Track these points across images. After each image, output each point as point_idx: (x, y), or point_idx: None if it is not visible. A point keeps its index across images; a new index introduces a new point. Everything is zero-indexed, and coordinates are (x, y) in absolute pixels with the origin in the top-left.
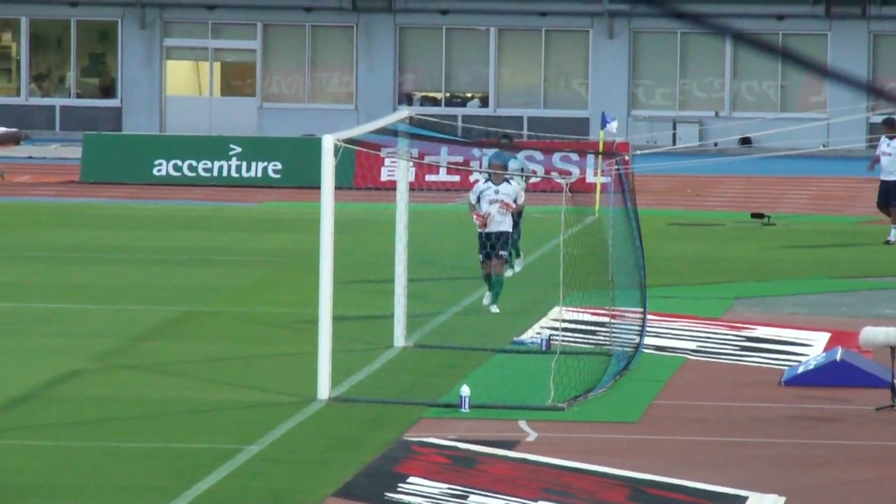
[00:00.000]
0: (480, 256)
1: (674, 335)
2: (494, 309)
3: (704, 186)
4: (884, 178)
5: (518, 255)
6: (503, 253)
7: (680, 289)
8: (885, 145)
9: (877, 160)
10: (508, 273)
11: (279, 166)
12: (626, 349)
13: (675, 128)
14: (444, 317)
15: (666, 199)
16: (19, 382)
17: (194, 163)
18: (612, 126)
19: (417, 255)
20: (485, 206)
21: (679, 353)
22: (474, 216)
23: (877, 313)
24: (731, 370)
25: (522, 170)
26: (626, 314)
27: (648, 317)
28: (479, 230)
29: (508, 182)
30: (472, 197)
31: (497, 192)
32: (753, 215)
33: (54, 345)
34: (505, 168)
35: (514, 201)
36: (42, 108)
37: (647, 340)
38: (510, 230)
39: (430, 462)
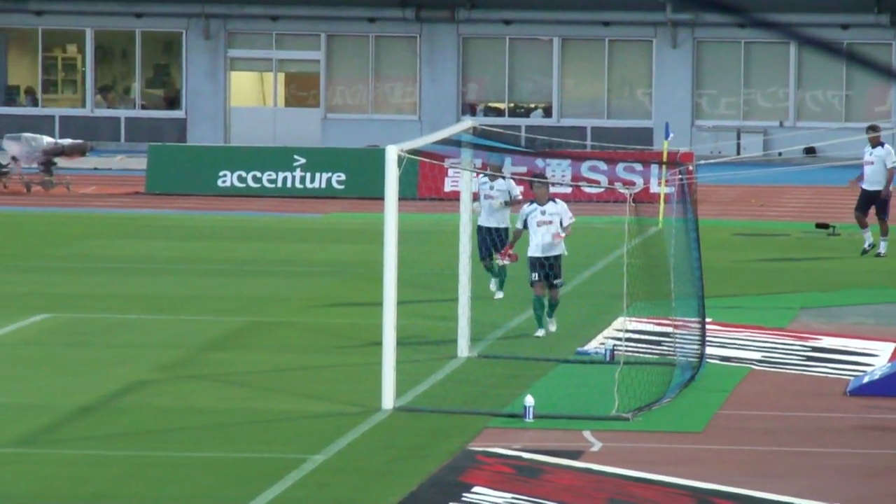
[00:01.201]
0: (481, 252)
1: (739, 345)
2: (499, 295)
3: (769, 196)
4: (866, 187)
5: (502, 284)
6: (558, 282)
7: (745, 299)
8: (868, 154)
9: (862, 175)
10: (499, 295)
11: (343, 177)
12: (689, 360)
13: (739, 137)
14: (508, 326)
15: (730, 210)
16: (86, 393)
17: (258, 174)
18: (670, 137)
19: (481, 265)
20: (533, 230)
21: (744, 363)
22: (501, 256)
23: None
24: (795, 380)
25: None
26: (689, 324)
27: (713, 327)
28: (480, 224)
29: (554, 201)
30: (519, 223)
31: (544, 212)
32: (818, 225)
33: (120, 355)
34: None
35: (562, 224)
36: (107, 119)
37: (713, 350)
38: (563, 252)
39: (494, 472)
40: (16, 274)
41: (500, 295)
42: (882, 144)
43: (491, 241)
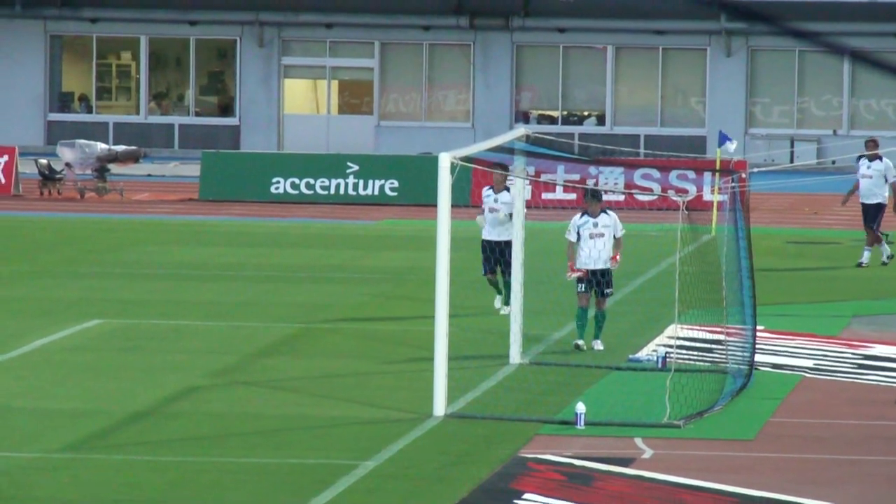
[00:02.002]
0: (485, 266)
1: (790, 353)
2: (505, 310)
3: (822, 205)
4: (864, 201)
5: (508, 300)
6: (609, 291)
7: (797, 307)
8: (866, 168)
9: (856, 188)
10: (505, 311)
11: (396, 184)
12: (741, 367)
13: (792, 146)
14: (560, 334)
15: (783, 218)
16: (139, 398)
17: (312, 181)
18: (731, 146)
19: (533, 272)
20: (584, 242)
21: (796, 370)
22: (570, 271)
23: None
24: (847, 388)
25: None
26: (741, 332)
27: (765, 334)
28: (484, 238)
29: (606, 213)
30: (572, 235)
31: (596, 224)
32: None
33: (173, 361)
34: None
35: (615, 237)
36: (161, 126)
37: (765, 358)
38: (613, 266)
39: (545, 479)
40: (69, 280)
41: (506, 310)
42: (881, 158)
43: (495, 255)
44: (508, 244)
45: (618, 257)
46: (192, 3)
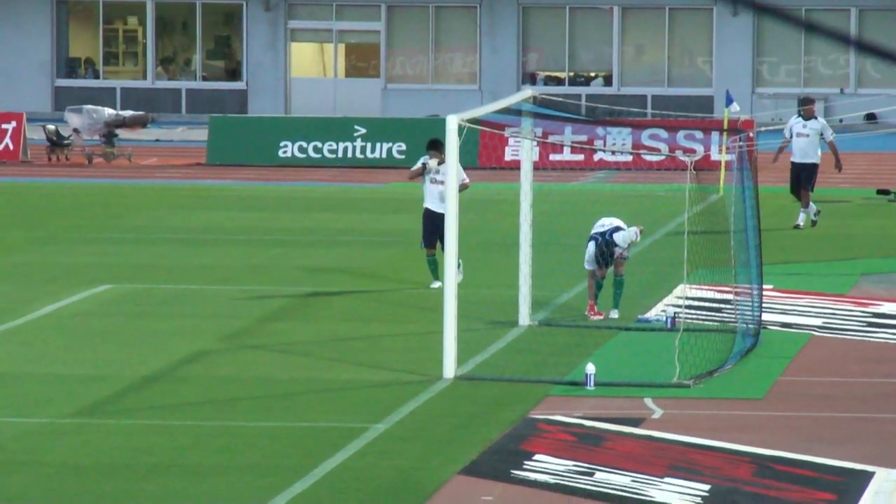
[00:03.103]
0: (426, 238)
1: (799, 311)
2: (435, 285)
3: (829, 163)
4: (797, 160)
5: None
6: (626, 253)
7: (805, 265)
8: (802, 126)
9: (783, 147)
10: (459, 278)
11: (404, 147)
12: (749, 326)
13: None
14: (568, 295)
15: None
16: (149, 363)
17: (319, 144)
18: (734, 107)
19: (542, 234)
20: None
21: (805, 329)
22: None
23: None
24: (856, 346)
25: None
26: (749, 292)
27: (774, 293)
28: (428, 207)
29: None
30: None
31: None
32: (879, 191)
33: (182, 326)
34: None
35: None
36: (168, 91)
37: (773, 317)
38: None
39: (556, 439)
40: (78, 245)
41: (436, 285)
42: (816, 117)
43: (438, 228)
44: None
45: (624, 259)
46: None
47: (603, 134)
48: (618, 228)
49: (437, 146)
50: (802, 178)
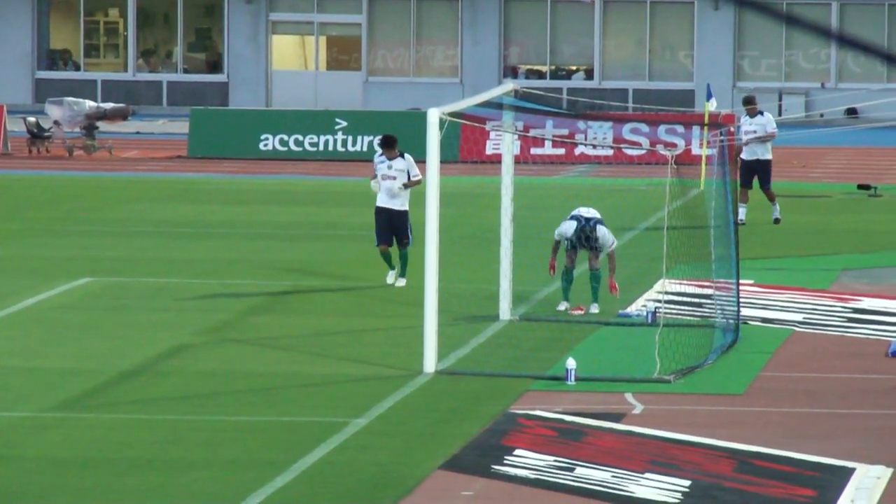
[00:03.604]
0: (380, 236)
1: (780, 307)
2: (401, 283)
3: (810, 158)
4: (746, 157)
5: (404, 272)
6: (598, 245)
7: (786, 260)
8: (748, 124)
9: (741, 148)
10: (401, 283)
11: None
12: (730, 321)
13: (780, 99)
14: (549, 290)
15: (772, 171)
16: (129, 357)
17: (300, 137)
18: (712, 103)
19: (523, 228)
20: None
21: (786, 324)
22: (566, 261)
23: None
24: (837, 342)
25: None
26: (729, 286)
27: (755, 288)
28: (379, 206)
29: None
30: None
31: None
32: (860, 187)
33: (163, 319)
34: None
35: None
36: (149, 83)
37: (754, 312)
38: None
39: (536, 434)
40: (58, 238)
41: (402, 283)
42: (761, 113)
43: (391, 225)
44: (404, 214)
45: (616, 287)
46: None
47: (584, 128)
48: (602, 223)
49: (389, 143)
50: (759, 176)
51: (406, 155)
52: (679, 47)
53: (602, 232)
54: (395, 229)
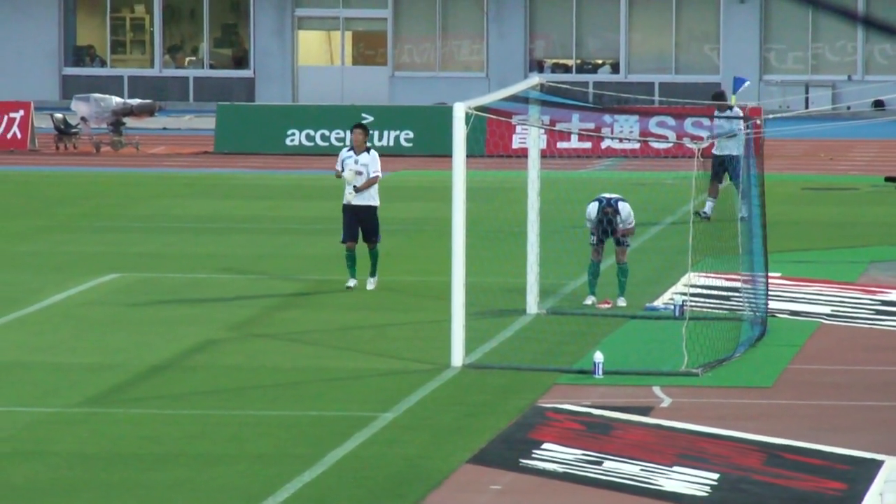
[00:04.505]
0: (344, 235)
1: (808, 300)
2: (371, 284)
3: (838, 150)
4: (717, 152)
5: (374, 271)
6: (626, 240)
7: (814, 253)
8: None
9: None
10: (370, 284)
11: (411, 135)
12: (757, 314)
13: (807, 92)
14: (576, 283)
15: (799, 164)
16: (157, 352)
17: (326, 132)
18: (744, 86)
19: (549, 222)
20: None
21: (813, 317)
22: (593, 254)
23: None
24: (865, 334)
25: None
26: (756, 279)
27: (783, 281)
28: (347, 203)
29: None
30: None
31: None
32: (887, 179)
33: (190, 315)
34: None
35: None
36: (176, 79)
37: (782, 305)
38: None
39: (564, 428)
40: (86, 234)
41: (371, 284)
42: (731, 108)
43: (357, 220)
44: (373, 210)
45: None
46: None
47: (610, 122)
48: (624, 200)
49: (366, 130)
50: (730, 170)
51: (372, 150)
52: (705, 40)
53: (625, 208)
54: (363, 225)
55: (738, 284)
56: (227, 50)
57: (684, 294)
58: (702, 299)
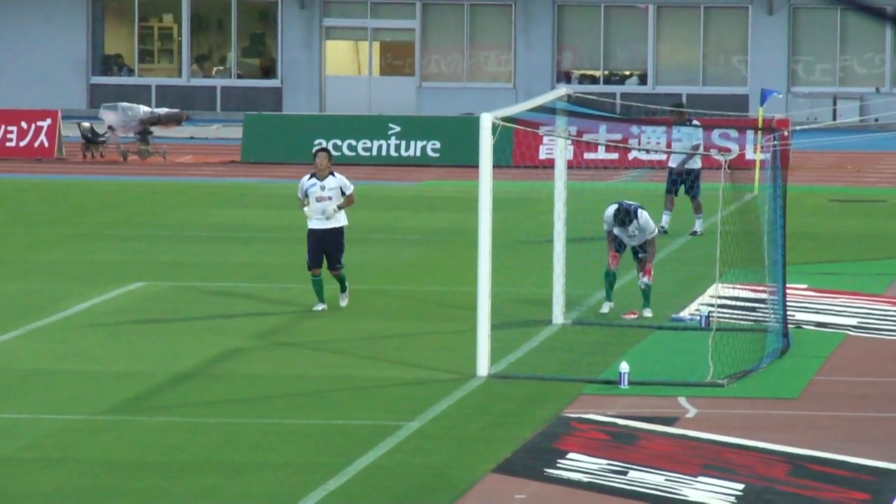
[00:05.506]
0: (311, 259)
1: (835, 311)
2: (343, 301)
3: (865, 162)
4: (674, 165)
5: (344, 287)
6: (643, 255)
7: (841, 265)
8: (676, 131)
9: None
10: (343, 302)
11: (438, 145)
12: (781, 325)
13: (835, 104)
14: (602, 294)
15: (826, 176)
16: (182, 360)
17: (353, 142)
18: (773, 97)
19: (576, 232)
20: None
21: (840, 329)
22: (610, 263)
23: None
24: (891, 346)
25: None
26: (779, 291)
27: (809, 293)
28: (312, 228)
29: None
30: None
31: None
32: None
33: (215, 323)
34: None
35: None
36: (203, 88)
37: (808, 316)
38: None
39: (589, 438)
40: (112, 242)
41: (343, 301)
42: (689, 121)
43: (322, 246)
44: (336, 233)
45: (650, 272)
46: None
47: (637, 133)
48: (643, 208)
49: (329, 155)
50: (686, 185)
51: (336, 173)
52: (733, 52)
53: (643, 216)
54: (327, 250)
55: (764, 296)
56: (255, 59)
57: (710, 305)
58: (728, 310)
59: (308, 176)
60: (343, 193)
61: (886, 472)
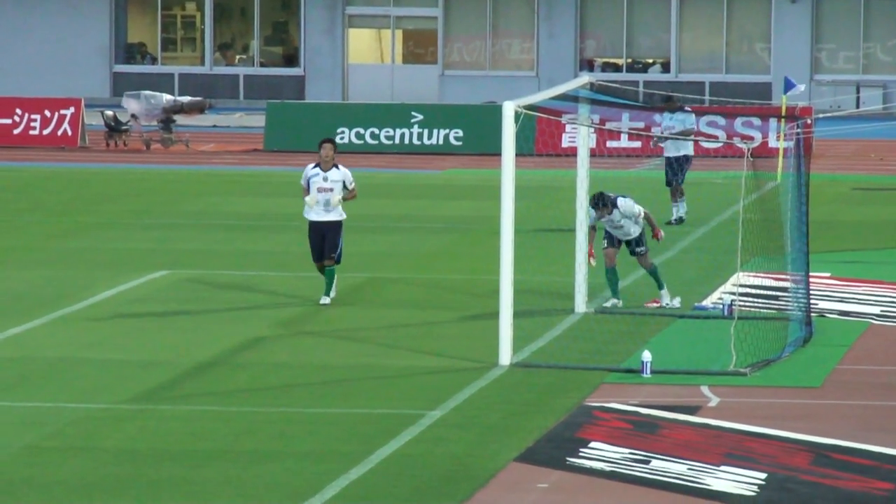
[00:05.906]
0: (315, 252)
1: (858, 300)
2: (325, 300)
3: (888, 151)
4: (670, 154)
5: (328, 290)
6: (640, 249)
7: (864, 253)
8: (668, 119)
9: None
10: (325, 301)
11: (461, 133)
12: (804, 314)
13: (858, 91)
14: (624, 283)
15: (849, 164)
16: (205, 349)
17: (376, 130)
18: (797, 89)
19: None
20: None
21: (863, 317)
22: (606, 257)
23: None
24: None
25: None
26: (802, 280)
27: (832, 281)
28: (312, 220)
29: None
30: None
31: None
32: None
33: (238, 312)
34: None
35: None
36: (226, 77)
37: (832, 305)
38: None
39: (611, 427)
40: (136, 231)
41: (326, 300)
42: (682, 109)
43: (324, 238)
44: (338, 224)
45: (660, 234)
46: None
47: (660, 121)
48: (624, 196)
49: (335, 145)
50: (675, 169)
51: (340, 166)
52: (756, 40)
53: (625, 203)
54: (325, 240)
55: (787, 284)
56: (278, 48)
57: (733, 294)
58: (750, 299)
59: (312, 165)
60: (345, 187)
61: None
